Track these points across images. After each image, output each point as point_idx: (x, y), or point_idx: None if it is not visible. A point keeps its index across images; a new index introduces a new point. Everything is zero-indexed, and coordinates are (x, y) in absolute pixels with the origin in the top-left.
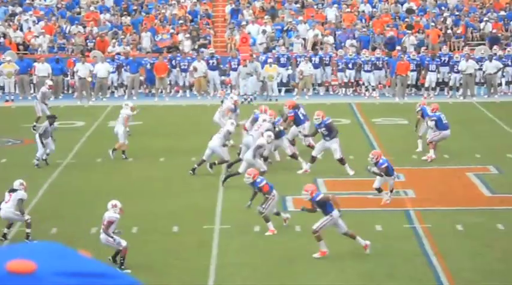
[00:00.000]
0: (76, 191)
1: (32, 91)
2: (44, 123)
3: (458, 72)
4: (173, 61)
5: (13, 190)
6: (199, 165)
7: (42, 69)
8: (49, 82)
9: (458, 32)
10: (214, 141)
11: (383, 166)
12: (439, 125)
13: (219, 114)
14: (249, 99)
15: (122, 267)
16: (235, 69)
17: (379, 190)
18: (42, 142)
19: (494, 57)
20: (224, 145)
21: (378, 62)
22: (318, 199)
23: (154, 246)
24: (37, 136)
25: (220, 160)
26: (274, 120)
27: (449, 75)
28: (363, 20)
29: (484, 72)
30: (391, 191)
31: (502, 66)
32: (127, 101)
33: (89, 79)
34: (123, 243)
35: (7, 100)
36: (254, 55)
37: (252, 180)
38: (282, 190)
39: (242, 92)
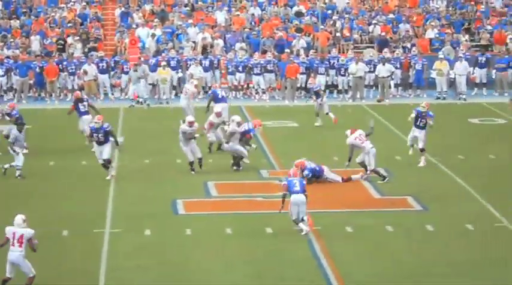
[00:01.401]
0: None
1: None
2: (12, 131)
3: (344, 75)
4: (61, 65)
5: None
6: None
7: None
8: None
9: (347, 34)
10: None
11: None
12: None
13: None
14: (146, 103)
15: None
16: (126, 73)
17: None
18: (14, 151)
19: (387, 61)
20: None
21: (268, 65)
22: None
23: (44, 251)
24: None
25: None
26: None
27: (337, 78)
28: (253, 23)
29: (376, 75)
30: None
31: (394, 69)
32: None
33: None
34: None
35: None
36: (142, 59)
37: None
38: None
39: (131, 96)
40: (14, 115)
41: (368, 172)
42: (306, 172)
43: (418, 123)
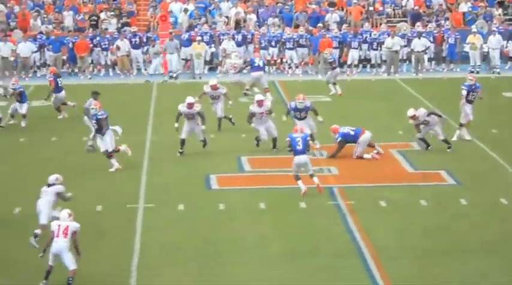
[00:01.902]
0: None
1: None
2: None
3: (377, 49)
4: (94, 41)
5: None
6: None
7: None
8: None
9: (380, 8)
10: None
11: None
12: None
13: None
14: (174, 76)
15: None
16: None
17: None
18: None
19: (422, 35)
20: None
21: (300, 40)
22: None
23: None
24: None
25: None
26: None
27: (369, 52)
28: None
29: (411, 49)
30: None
31: (429, 44)
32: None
33: (12, 58)
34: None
35: None
36: (174, 34)
37: None
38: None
39: (152, 71)
40: (17, 89)
41: (429, 147)
42: (336, 136)
43: (469, 98)
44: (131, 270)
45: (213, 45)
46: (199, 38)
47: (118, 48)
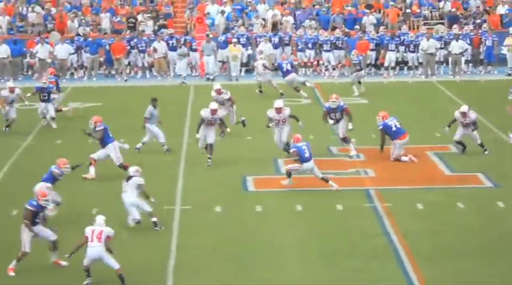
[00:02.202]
0: (36, 173)
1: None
2: (148, 108)
3: (414, 51)
4: (131, 42)
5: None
6: None
7: (0, 50)
8: (9, 84)
9: (417, 11)
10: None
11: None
12: (388, 132)
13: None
14: (211, 78)
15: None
16: (194, 50)
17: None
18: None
19: (460, 37)
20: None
21: (337, 42)
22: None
23: (113, 226)
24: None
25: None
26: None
27: (406, 54)
28: (323, 0)
29: (449, 52)
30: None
31: (467, 46)
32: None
33: (49, 60)
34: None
35: None
36: (211, 36)
37: None
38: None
39: (178, 73)
40: (49, 89)
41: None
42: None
43: None
44: (167, 272)
45: (249, 47)
46: (235, 40)
47: (155, 50)
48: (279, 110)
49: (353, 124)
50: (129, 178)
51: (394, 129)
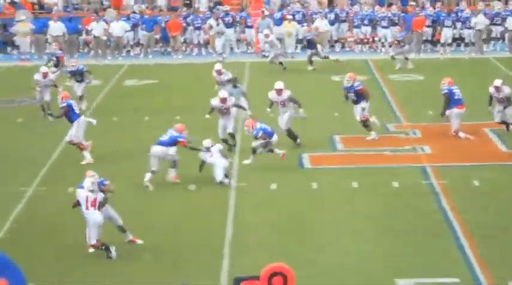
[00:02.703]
0: (93, 149)
1: (47, 50)
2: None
3: (470, 27)
4: (187, 19)
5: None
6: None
7: (56, 28)
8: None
9: None
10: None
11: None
12: (450, 98)
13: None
14: (267, 55)
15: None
16: (250, 27)
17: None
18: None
19: None
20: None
21: (394, 18)
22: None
23: (170, 205)
24: None
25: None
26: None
27: (462, 31)
28: None
29: (505, 28)
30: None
31: None
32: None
33: (104, 38)
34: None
35: (22, 59)
36: (267, 12)
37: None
38: (299, 148)
39: (219, 51)
40: (80, 70)
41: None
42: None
43: None
44: (223, 251)
45: (305, 24)
46: (289, 16)
47: (210, 27)
48: (279, 91)
49: (368, 105)
50: (207, 148)
51: (456, 97)
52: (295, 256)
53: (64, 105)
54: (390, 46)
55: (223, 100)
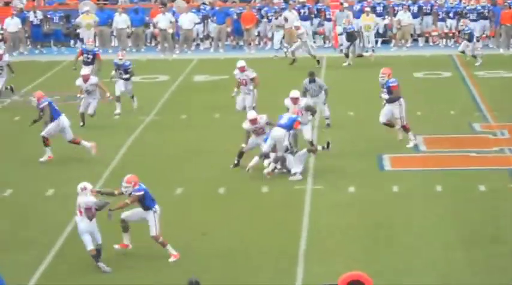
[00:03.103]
0: (159, 150)
1: (112, 43)
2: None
3: None
4: (261, 11)
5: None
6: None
7: (120, 20)
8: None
9: None
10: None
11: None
12: None
13: None
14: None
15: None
16: (329, 20)
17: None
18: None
19: None
20: None
21: (484, 11)
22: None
23: (241, 207)
24: None
25: None
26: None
27: None
28: None
29: None
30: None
31: None
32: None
33: (170, 31)
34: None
35: None
36: (346, 4)
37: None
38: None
39: (276, 46)
40: (128, 66)
41: None
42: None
43: None
44: (298, 257)
45: (386, 16)
46: (368, 8)
47: (286, 19)
48: (294, 100)
49: (404, 101)
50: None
51: None
52: (374, 264)
53: (45, 104)
54: (478, 40)
55: (254, 122)
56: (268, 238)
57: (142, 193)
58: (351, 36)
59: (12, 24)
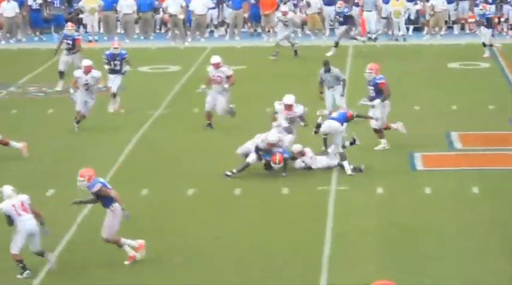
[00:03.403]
0: (169, 145)
1: (118, 30)
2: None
3: None
4: None
5: None
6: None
7: (125, 4)
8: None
9: None
10: None
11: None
12: None
13: None
14: (373, 37)
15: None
16: (357, 5)
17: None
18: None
19: None
20: None
21: None
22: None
23: (258, 210)
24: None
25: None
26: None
27: None
28: None
29: None
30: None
31: None
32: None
33: (181, 16)
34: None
35: (90, 41)
36: None
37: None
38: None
39: (279, 39)
40: (123, 56)
41: None
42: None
43: None
44: (321, 264)
45: (419, 1)
46: None
47: (308, 4)
48: (288, 107)
49: (388, 103)
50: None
51: None
52: (404, 272)
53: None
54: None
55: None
56: (289, 244)
57: (99, 187)
58: (348, 19)
59: (9, 9)
